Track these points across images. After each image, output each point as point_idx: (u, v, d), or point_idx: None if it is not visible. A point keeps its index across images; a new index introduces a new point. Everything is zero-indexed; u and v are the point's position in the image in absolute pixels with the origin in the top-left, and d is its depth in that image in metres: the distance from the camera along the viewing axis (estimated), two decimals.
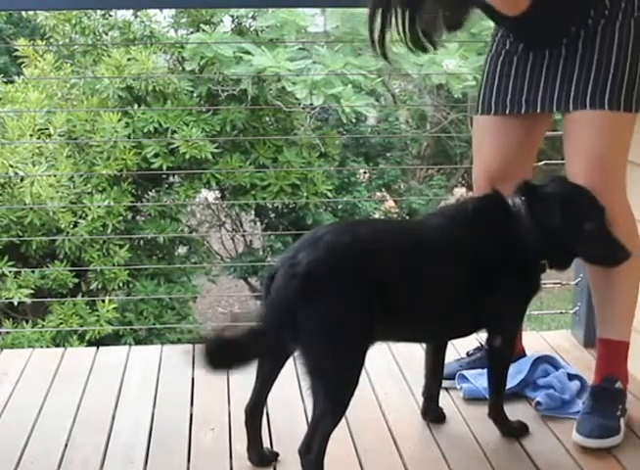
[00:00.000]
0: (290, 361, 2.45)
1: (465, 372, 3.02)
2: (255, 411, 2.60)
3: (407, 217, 7.62)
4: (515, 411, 2.90)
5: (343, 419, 2.85)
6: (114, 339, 5.51)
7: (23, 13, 7.30)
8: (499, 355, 2.72)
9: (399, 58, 5.95)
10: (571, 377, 3.03)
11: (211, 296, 7.54)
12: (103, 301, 5.40)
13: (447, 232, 2.52)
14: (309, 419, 2.42)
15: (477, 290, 2.51)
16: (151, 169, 5.72)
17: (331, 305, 2.29)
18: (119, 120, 5.58)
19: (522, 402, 2.96)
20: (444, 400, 2.94)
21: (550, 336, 3.57)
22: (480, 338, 3.07)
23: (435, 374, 2.85)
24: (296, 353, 2.38)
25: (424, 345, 2.88)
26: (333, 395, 2.36)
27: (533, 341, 3.49)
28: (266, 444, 2.70)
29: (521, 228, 2.51)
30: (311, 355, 2.33)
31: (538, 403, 2.90)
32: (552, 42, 2.56)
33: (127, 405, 3.03)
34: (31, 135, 5.41)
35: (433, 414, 2.86)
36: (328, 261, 2.31)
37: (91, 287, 5.65)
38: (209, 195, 6.88)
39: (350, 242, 2.36)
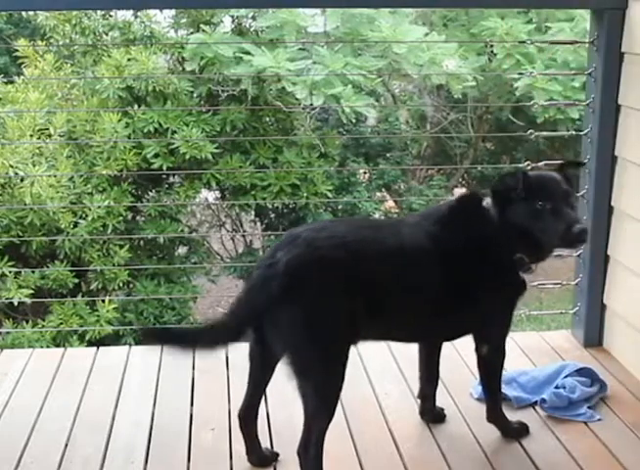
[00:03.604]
0: None
1: None
2: (249, 416, 2.60)
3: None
4: (516, 412, 2.90)
5: (343, 419, 2.86)
6: (114, 339, 5.51)
7: (24, 13, 7.30)
8: (487, 364, 2.70)
9: (399, 58, 5.95)
10: (593, 382, 3.01)
11: (211, 296, 7.53)
12: (103, 301, 5.39)
13: (422, 231, 2.52)
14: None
15: (454, 290, 2.50)
16: (151, 170, 5.72)
17: (313, 301, 2.29)
18: (119, 121, 5.58)
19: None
20: (445, 401, 2.95)
21: (550, 336, 3.57)
22: None
23: (430, 376, 2.84)
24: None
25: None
26: (322, 393, 2.36)
27: (533, 341, 3.50)
28: (266, 444, 2.70)
29: (490, 224, 2.52)
30: (297, 355, 2.32)
31: (543, 401, 2.90)
32: None
33: (127, 405, 3.03)
34: (31, 135, 5.41)
35: (429, 415, 2.86)
36: (306, 258, 2.31)
37: (91, 287, 5.65)
38: (210, 195, 6.87)
39: (327, 237, 2.36)
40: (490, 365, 2.70)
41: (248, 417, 2.59)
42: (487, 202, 2.55)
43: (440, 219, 2.56)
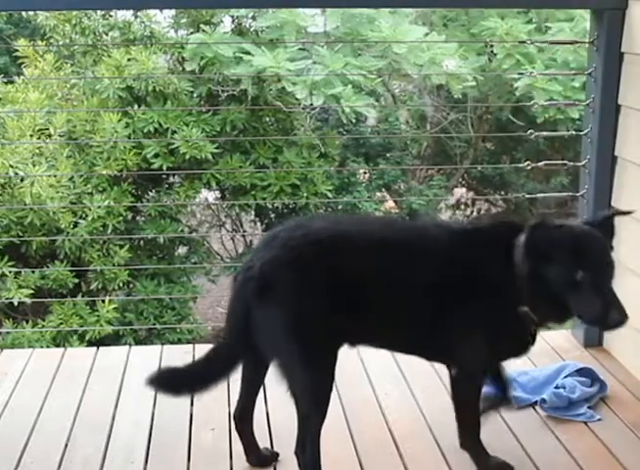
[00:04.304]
0: None
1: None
2: (244, 416, 2.58)
3: (407, 217, 7.62)
4: (516, 412, 2.90)
5: (343, 419, 2.85)
6: (114, 339, 5.51)
7: (24, 13, 7.30)
8: (458, 394, 2.50)
9: (399, 58, 5.95)
10: (593, 382, 3.01)
11: (211, 296, 7.53)
12: (103, 301, 5.39)
13: (429, 235, 2.37)
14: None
15: (439, 309, 2.32)
16: (151, 170, 5.72)
17: (288, 302, 2.24)
18: (119, 121, 5.58)
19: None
20: (445, 401, 2.94)
21: (550, 336, 3.57)
22: None
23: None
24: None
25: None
26: (310, 394, 2.33)
27: None
28: (266, 443, 2.70)
29: (511, 263, 2.27)
30: (281, 358, 2.30)
31: (543, 401, 2.89)
32: None
33: (127, 405, 3.03)
34: (31, 135, 5.41)
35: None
36: (281, 258, 2.26)
37: (91, 287, 5.65)
38: (210, 195, 6.87)
39: (303, 235, 2.31)
40: (461, 396, 2.50)
41: (243, 418, 2.59)
42: (521, 240, 2.27)
43: (461, 231, 2.39)
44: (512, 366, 3.14)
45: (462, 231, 2.42)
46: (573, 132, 3.95)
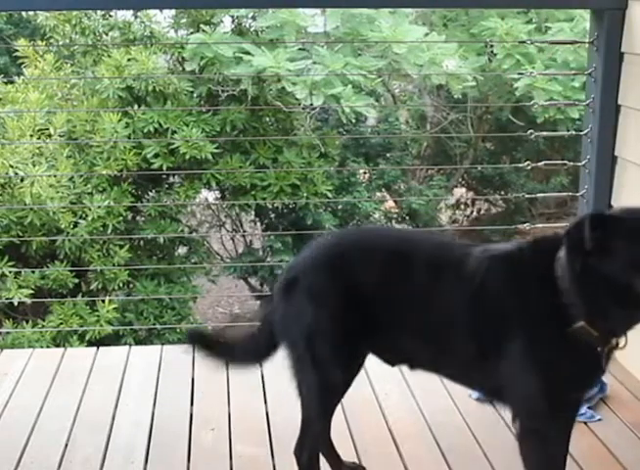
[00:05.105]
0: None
1: None
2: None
3: (408, 217, 7.64)
4: None
5: (343, 419, 2.85)
6: (114, 339, 5.51)
7: (24, 13, 7.30)
8: (523, 453, 2.22)
9: (399, 58, 5.96)
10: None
11: (211, 296, 7.54)
12: (103, 301, 5.39)
13: (466, 258, 2.16)
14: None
15: (480, 341, 2.12)
16: (151, 170, 5.72)
17: (307, 304, 2.22)
18: (119, 121, 5.58)
19: None
20: (445, 402, 2.95)
21: None
22: None
23: None
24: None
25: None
26: (313, 400, 2.31)
27: None
28: (266, 444, 2.70)
29: (552, 282, 2.01)
30: (290, 354, 2.29)
31: None
32: None
33: (127, 405, 3.03)
34: (31, 135, 5.41)
35: None
36: (308, 260, 2.29)
37: (91, 287, 5.65)
38: (209, 195, 6.88)
39: (335, 243, 2.33)
40: (526, 455, 2.20)
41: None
42: (561, 253, 2.00)
43: (500, 255, 2.15)
44: None
45: (502, 256, 2.17)
46: (573, 132, 3.96)
